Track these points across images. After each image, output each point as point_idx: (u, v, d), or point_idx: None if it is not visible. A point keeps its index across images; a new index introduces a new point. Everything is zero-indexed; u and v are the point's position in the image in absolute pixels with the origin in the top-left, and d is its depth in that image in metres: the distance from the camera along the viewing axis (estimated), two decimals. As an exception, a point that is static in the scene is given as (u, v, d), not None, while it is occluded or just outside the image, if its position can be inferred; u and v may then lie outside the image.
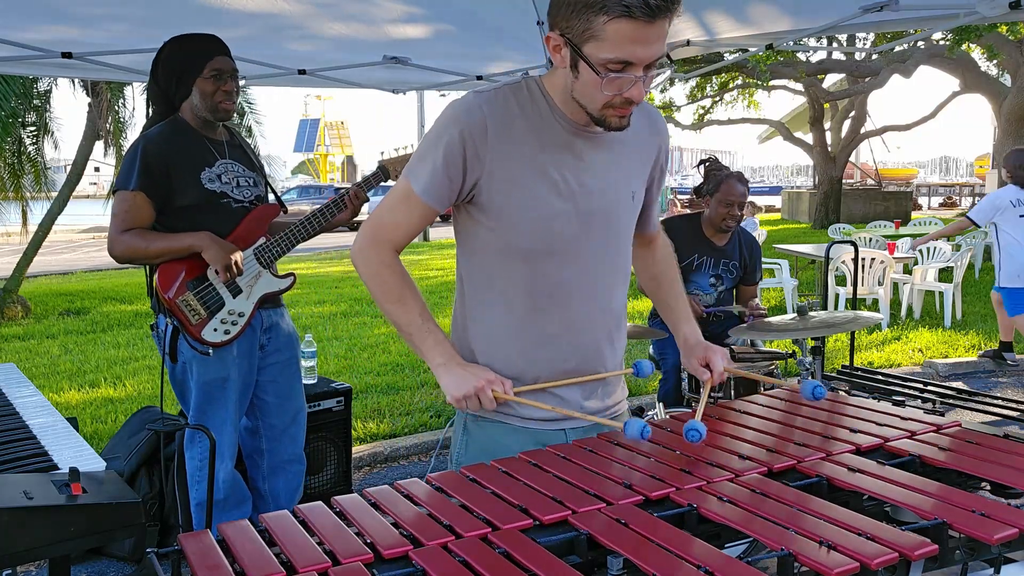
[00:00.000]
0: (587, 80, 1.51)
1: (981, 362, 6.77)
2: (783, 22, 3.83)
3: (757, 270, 4.08)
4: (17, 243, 11.42)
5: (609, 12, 1.42)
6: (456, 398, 1.64)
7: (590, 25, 1.45)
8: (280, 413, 3.06)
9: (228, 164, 2.87)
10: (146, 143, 2.71)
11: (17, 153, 10.49)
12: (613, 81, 1.49)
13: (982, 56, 14.95)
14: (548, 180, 1.64)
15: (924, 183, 47.13)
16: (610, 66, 1.47)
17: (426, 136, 1.67)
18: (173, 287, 2.72)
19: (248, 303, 2.84)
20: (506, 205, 1.64)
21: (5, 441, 2.00)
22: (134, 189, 2.68)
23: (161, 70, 2.79)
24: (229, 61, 2.81)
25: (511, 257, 1.68)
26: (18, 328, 9.03)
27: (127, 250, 2.70)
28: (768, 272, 9.66)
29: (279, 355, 3.02)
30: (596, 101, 1.54)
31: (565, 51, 1.52)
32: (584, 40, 1.47)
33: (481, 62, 4.80)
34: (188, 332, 2.74)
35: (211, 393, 2.82)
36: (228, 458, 2.90)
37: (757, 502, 1.33)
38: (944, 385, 2.30)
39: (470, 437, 1.78)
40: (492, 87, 1.66)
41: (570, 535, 1.27)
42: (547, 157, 1.64)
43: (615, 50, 1.45)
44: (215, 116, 2.82)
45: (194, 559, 1.19)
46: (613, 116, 1.57)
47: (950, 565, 1.25)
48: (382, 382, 6.28)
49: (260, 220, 2.90)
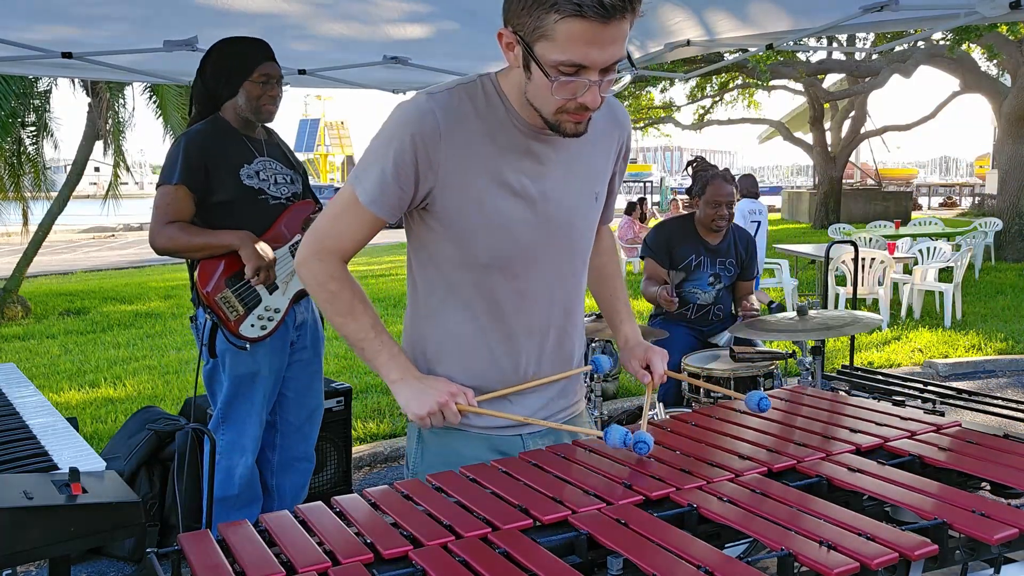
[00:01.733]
0: (539, 82, 1.41)
1: (981, 362, 6.78)
2: (783, 22, 3.83)
3: (754, 265, 4.09)
4: (17, 243, 11.42)
5: (560, 10, 1.31)
6: (419, 416, 1.55)
7: (541, 23, 1.34)
8: (298, 410, 3.11)
9: (266, 162, 2.94)
10: (188, 139, 2.79)
11: (17, 153, 10.50)
12: (565, 85, 1.39)
13: (982, 56, 14.96)
14: (506, 187, 1.55)
15: (924, 183, 47.15)
16: (562, 68, 1.37)
17: (373, 140, 1.55)
18: (211, 283, 2.78)
19: (284, 299, 2.90)
20: (462, 214, 1.54)
21: (5, 441, 2.00)
22: (177, 183, 2.75)
23: (210, 70, 2.86)
24: (277, 67, 2.90)
25: (469, 266, 1.59)
26: (18, 328, 9.04)
27: (169, 242, 2.76)
28: (768, 272, 9.66)
29: (305, 352, 3.08)
30: (549, 105, 1.44)
31: (518, 49, 1.42)
32: (535, 39, 1.37)
33: (481, 62, 4.80)
34: (227, 328, 2.81)
35: (241, 387, 2.88)
36: (250, 452, 2.94)
37: (757, 502, 1.33)
38: (944, 385, 2.30)
39: (425, 446, 1.70)
40: (444, 87, 1.55)
41: (570, 535, 1.27)
42: (504, 162, 1.54)
43: (566, 52, 1.35)
44: (259, 118, 2.90)
45: (194, 559, 1.19)
46: (568, 121, 1.47)
47: (950, 565, 1.25)
48: (382, 382, 6.24)
49: (296, 217, 2.97)
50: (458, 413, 1.57)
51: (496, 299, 1.62)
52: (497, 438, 1.68)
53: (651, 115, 23.27)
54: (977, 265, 11.91)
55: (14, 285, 10.02)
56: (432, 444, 1.69)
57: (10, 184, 10.60)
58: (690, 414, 1.89)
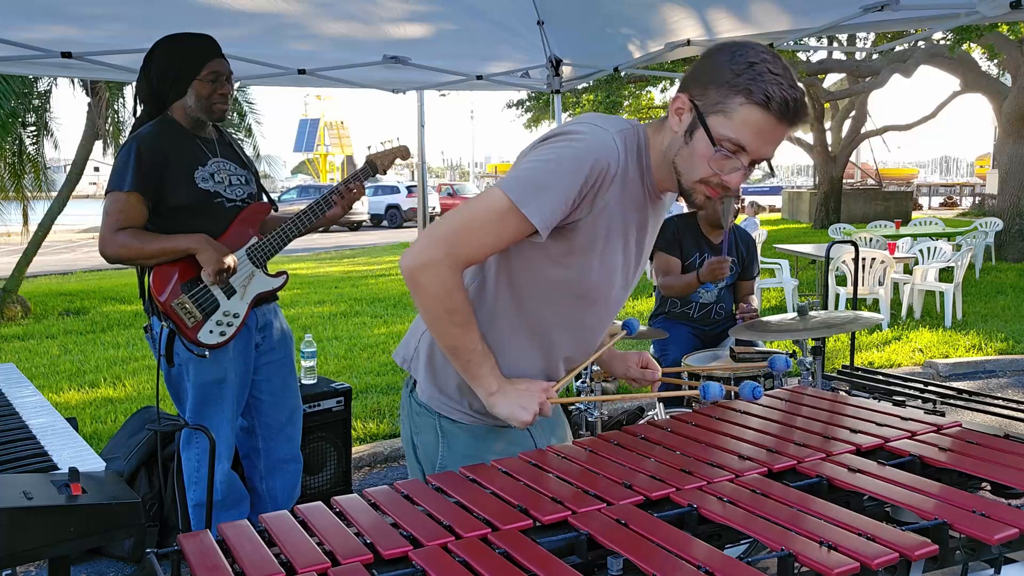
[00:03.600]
0: (697, 150, 1.52)
1: (982, 362, 6.77)
2: (783, 22, 3.83)
3: (754, 265, 4.10)
4: (17, 243, 11.41)
5: (751, 97, 1.46)
6: (526, 422, 1.61)
7: (725, 100, 1.48)
8: (276, 412, 3.06)
9: (220, 163, 2.86)
10: (139, 143, 2.70)
11: (17, 153, 10.49)
12: (722, 160, 1.51)
13: (982, 56, 14.97)
14: (623, 239, 1.66)
15: (924, 183, 47.15)
16: (726, 144, 1.50)
17: (546, 157, 1.54)
18: (167, 290, 2.71)
19: (243, 303, 2.83)
20: (590, 252, 1.62)
21: (5, 441, 1.99)
22: (128, 190, 2.66)
23: (155, 69, 2.77)
24: (226, 63, 2.81)
25: (560, 294, 1.66)
26: (18, 328, 9.03)
27: (121, 250, 2.67)
28: (768, 272, 9.66)
29: (274, 354, 3.02)
30: (695, 173, 1.55)
31: (687, 116, 1.53)
32: (712, 112, 1.50)
33: (481, 62, 4.80)
34: (184, 335, 2.73)
35: (208, 394, 2.82)
36: (225, 458, 2.89)
37: (757, 502, 1.33)
38: (944, 385, 2.30)
39: (451, 440, 1.75)
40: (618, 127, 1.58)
41: (570, 535, 1.27)
42: (630, 216, 1.65)
43: (739, 132, 1.48)
44: (210, 117, 2.81)
45: (194, 559, 1.19)
46: (701, 194, 1.57)
47: (950, 565, 1.25)
48: (382, 382, 6.27)
49: (252, 219, 2.89)
50: (550, 409, 1.66)
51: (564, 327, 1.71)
52: (512, 431, 1.75)
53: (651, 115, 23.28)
54: (977, 265, 11.91)
55: (14, 285, 10.02)
56: (456, 438, 1.75)
57: (10, 184, 10.59)
58: (690, 414, 1.89)
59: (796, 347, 3.28)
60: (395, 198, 30.02)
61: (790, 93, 1.46)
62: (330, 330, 8.49)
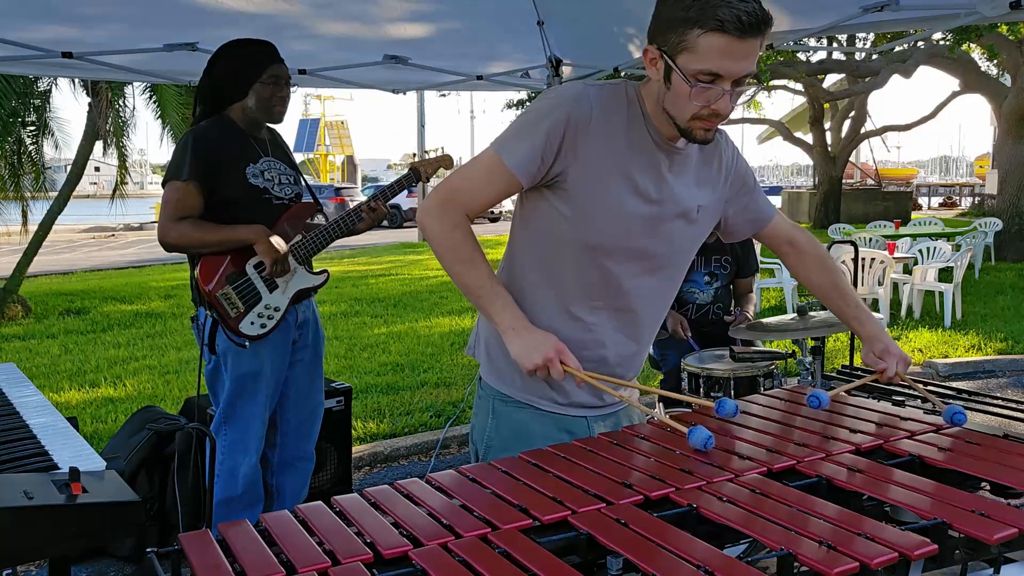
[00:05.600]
0: (678, 91, 1.58)
1: (981, 362, 6.78)
2: (783, 22, 3.83)
3: (751, 261, 4.07)
4: (17, 243, 11.41)
5: (703, 26, 1.51)
6: (528, 368, 1.65)
7: (684, 38, 1.53)
8: (298, 409, 3.11)
9: (271, 162, 2.95)
10: (196, 136, 2.80)
11: (17, 153, 10.49)
12: (702, 92, 1.56)
13: (982, 56, 14.97)
14: (631, 183, 1.69)
15: (924, 183, 47.16)
16: (700, 77, 1.54)
17: (526, 114, 1.71)
18: (213, 280, 2.79)
19: (284, 298, 2.91)
20: (588, 198, 1.68)
21: (5, 441, 1.99)
22: (186, 179, 2.75)
23: (221, 70, 2.87)
24: (286, 69, 2.92)
25: (577, 246, 1.71)
26: (18, 328, 9.03)
27: (180, 237, 2.77)
28: (768, 272, 9.66)
29: (306, 352, 3.08)
30: (685, 112, 1.60)
31: (660, 63, 1.59)
32: (678, 52, 1.55)
33: (481, 62, 4.80)
34: (227, 325, 2.81)
35: (244, 386, 2.88)
36: (254, 451, 2.94)
37: (757, 502, 1.33)
38: (944, 385, 2.30)
39: (499, 419, 1.82)
40: (598, 83, 1.72)
41: (570, 535, 1.27)
42: (634, 162, 1.69)
43: (706, 62, 1.53)
44: (270, 119, 2.93)
45: (194, 559, 1.19)
46: (699, 128, 1.63)
47: (950, 565, 1.25)
48: (382, 382, 6.28)
49: (298, 218, 2.99)
50: (563, 372, 1.65)
51: (592, 281, 1.74)
52: (565, 418, 1.80)
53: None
54: (977, 265, 11.91)
55: (14, 285, 10.01)
56: (506, 418, 1.81)
57: (10, 184, 10.58)
58: (690, 414, 1.89)
59: (796, 347, 3.28)
60: (395, 198, 29.97)
61: (740, 7, 1.49)
62: (330, 330, 8.49)
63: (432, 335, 8.17)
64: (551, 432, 1.77)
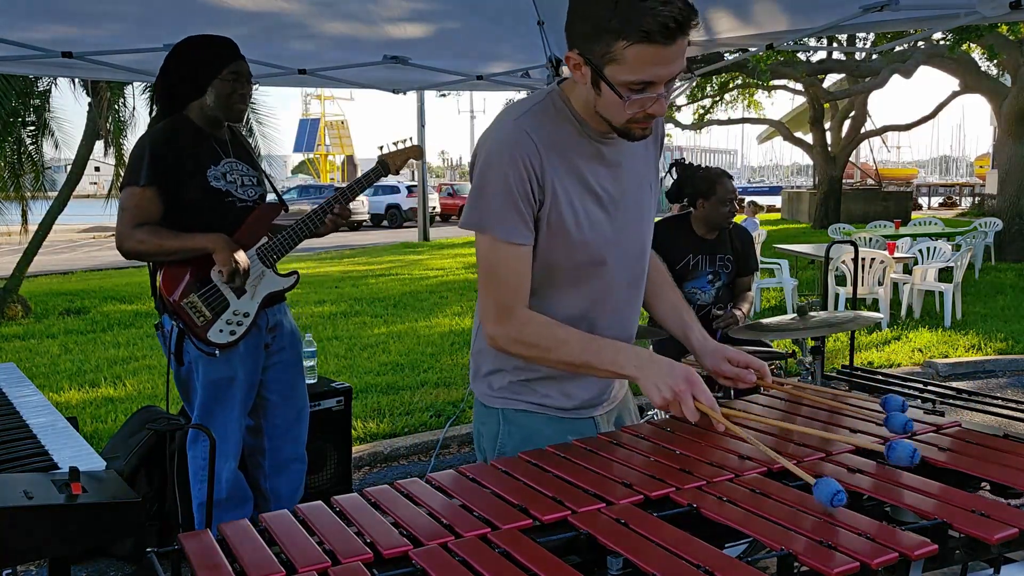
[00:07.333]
0: (610, 100, 1.53)
1: (981, 362, 6.78)
2: (783, 22, 3.84)
3: (751, 258, 4.07)
4: (17, 242, 11.41)
5: (628, 38, 1.43)
6: (658, 405, 1.57)
7: (610, 49, 1.46)
8: (283, 412, 3.07)
9: (232, 163, 2.87)
10: (153, 139, 2.72)
11: (17, 153, 10.49)
12: (636, 101, 1.51)
13: (982, 56, 14.95)
14: (591, 191, 1.66)
15: (924, 183, 47.16)
16: (632, 87, 1.49)
17: (480, 179, 1.62)
18: (178, 289, 2.72)
19: (253, 303, 2.84)
20: (564, 219, 1.64)
21: (5, 441, 1.99)
22: (144, 185, 2.68)
23: (175, 68, 2.79)
24: (245, 65, 2.84)
25: (572, 266, 1.68)
26: (18, 328, 9.03)
27: (139, 245, 2.69)
28: (768, 272, 9.66)
29: (283, 354, 3.03)
30: (620, 117, 1.56)
31: (586, 70, 1.53)
32: (605, 63, 1.48)
33: (481, 62, 4.80)
34: (194, 334, 2.74)
35: (217, 393, 2.83)
36: (232, 457, 2.90)
37: (757, 502, 1.33)
38: (944, 385, 2.30)
39: (512, 426, 1.77)
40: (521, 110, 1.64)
41: (570, 535, 1.27)
42: (586, 169, 1.66)
43: (636, 73, 1.47)
44: (229, 117, 2.84)
45: (194, 559, 1.19)
46: (636, 128, 1.59)
47: (950, 565, 1.25)
48: (382, 382, 6.28)
49: (263, 220, 2.90)
50: (695, 411, 1.54)
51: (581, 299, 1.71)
52: (578, 422, 1.78)
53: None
54: (977, 265, 11.91)
55: (14, 284, 10.01)
56: (518, 425, 1.77)
57: (10, 184, 10.59)
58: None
59: (796, 347, 3.28)
60: (395, 198, 30.03)
61: (665, 13, 1.40)
62: (330, 330, 8.49)
63: (432, 335, 8.17)
64: (562, 436, 1.73)
